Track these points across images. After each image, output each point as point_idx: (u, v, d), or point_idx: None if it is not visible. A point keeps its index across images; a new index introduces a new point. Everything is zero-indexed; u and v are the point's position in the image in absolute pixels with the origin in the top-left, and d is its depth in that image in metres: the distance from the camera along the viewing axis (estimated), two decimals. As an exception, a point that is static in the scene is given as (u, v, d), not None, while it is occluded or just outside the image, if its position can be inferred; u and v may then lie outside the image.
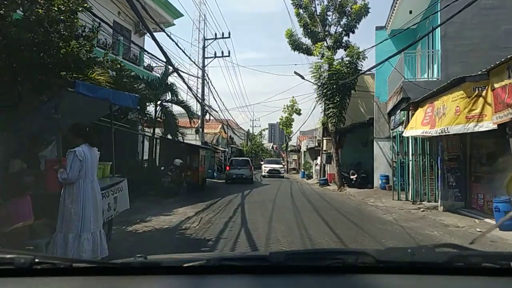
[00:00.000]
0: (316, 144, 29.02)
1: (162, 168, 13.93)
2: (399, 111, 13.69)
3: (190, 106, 16.22)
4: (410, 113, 12.25)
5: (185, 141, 19.44)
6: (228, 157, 36.91)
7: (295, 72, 21.81)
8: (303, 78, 21.78)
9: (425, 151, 11.26)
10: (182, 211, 9.77)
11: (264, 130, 67.60)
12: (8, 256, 1.22)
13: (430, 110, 10.03)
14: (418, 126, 10.41)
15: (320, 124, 24.67)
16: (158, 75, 16.59)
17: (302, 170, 33.47)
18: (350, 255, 1.35)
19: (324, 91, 18.62)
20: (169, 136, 15.57)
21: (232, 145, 44.69)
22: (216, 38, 26.12)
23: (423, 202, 11.26)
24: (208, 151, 20.16)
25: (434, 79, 12.59)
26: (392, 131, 16.03)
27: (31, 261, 1.19)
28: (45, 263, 1.23)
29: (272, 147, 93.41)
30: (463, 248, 1.52)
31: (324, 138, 22.46)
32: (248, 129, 61.74)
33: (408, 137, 11.69)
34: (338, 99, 18.16)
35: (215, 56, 26.23)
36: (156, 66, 20.19)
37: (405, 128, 12.48)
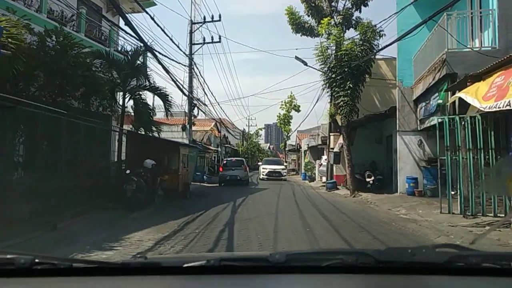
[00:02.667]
0: (319, 142, 25.78)
1: (128, 171, 10.60)
2: (437, 93, 10.45)
3: (168, 95, 12.90)
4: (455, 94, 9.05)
5: (167, 138, 16.17)
6: (221, 158, 33.66)
7: (296, 58, 18.58)
8: (305, 64, 18.58)
9: (487, 144, 7.99)
10: (139, 237, 6.48)
11: (261, 129, 64.30)
12: (8, 256, 1.23)
13: (501, 79, 6.80)
14: (478, 98, 7.14)
15: (325, 119, 21.41)
16: (129, 57, 13.23)
17: (304, 171, 30.13)
18: (350, 255, 1.32)
19: (333, 76, 15.34)
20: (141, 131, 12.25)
21: (226, 145, 41.38)
22: (205, 22, 22.90)
23: (480, 216, 8.04)
24: (194, 150, 16.80)
25: (487, 48, 9.41)
26: (421, 121, 12.83)
27: (31, 261, 1.19)
28: (45, 263, 1.21)
29: (269, 147, 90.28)
30: (463, 248, 1.56)
31: (331, 134, 19.19)
32: (244, 128, 58.54)
33: (459, 126, 8.42)
34: (350, 85, 14.88)
35: (204, 42, 23.03)
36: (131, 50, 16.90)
37: (446, 113, 9.28)
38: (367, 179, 15.49)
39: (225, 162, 23.64)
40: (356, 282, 1.28)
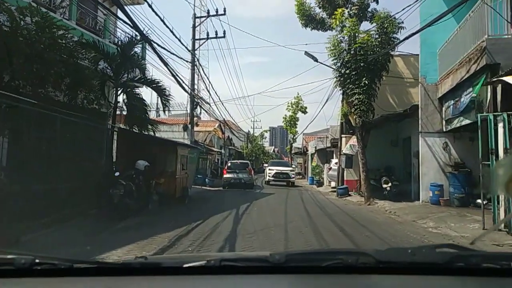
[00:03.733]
0: (328, 145, 24.39)
1: (117, 174, 9.33)
2: (471, 88, 9.09)
3: (165, 89, 11.63)
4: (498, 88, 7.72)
5: (164, 137, 14.92)
6: (225, 160, 32.39)
7: (305, 53, 17.27)
8: (316, 60, 17.25)
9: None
10: (117, 257, 5.18)
11: (266, 131, 62.82)
12: (8, 256, 1.21)
13: None
14: None
15: (336, 120, 20.12)
16: (122, 46, 11.94)
17: (311, 175, 28.73)
18: (350, 256, 1.30)
19: (347, 71, 14.00)
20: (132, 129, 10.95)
21: (230, 147, 40.08)
22: (208, 16, 21.69)
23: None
24: (194, 151, 15.50)
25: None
26: (447, 121, 11.46)
27: (32, 262, 1.18)
28: (45, 264, 1.20)
29: (274, 150, 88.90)
30: (463, 248, 1.51)
31: (343, 136, 17.82)
32: (249, 130, 57.27)
33: (507, 125, 7.05)
34: (366, 82, 13.53)
35: (208, 37, 21.82)
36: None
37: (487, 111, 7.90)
38: (384, 185, 14.12)
39: (229, 164, 22.39)
40: (356, 282, 1.26)
